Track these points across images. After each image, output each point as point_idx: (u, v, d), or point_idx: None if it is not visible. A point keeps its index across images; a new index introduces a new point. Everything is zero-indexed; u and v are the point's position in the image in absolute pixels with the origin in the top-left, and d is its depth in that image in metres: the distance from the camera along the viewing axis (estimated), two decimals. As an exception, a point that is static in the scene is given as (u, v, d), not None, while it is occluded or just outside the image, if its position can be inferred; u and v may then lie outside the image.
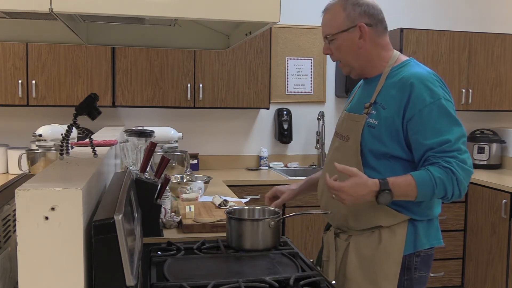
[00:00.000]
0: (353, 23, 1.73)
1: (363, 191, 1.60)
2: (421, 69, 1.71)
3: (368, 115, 1.72)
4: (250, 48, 3.94)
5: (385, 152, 1.68)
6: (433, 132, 1.62)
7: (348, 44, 1.75)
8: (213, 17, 1.15)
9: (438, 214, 1.78)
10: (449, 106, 1.65)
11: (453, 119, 1.64)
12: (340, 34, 1.74)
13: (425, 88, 1.63)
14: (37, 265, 0.98)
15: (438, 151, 1.60)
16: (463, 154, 1.61)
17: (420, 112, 1.62)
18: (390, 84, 1.72)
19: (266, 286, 1.34)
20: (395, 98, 1.67)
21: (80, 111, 1.37)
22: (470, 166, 1.62)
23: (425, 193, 1.60)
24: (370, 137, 1.70)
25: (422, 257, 1.74)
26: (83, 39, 1.80)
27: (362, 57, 1.77)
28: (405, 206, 1.69)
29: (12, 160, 3.65)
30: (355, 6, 1.73)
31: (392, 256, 1.70)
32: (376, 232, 1.73)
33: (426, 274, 1.78)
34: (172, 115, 4.19)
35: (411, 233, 1.71)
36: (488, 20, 4.66)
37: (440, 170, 1.59)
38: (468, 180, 1.62)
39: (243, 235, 1.68)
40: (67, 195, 0.98)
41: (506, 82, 4.38)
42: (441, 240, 1.79)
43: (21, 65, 3.58)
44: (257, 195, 3.71)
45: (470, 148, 4.52)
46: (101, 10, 1.08)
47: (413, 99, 1.63)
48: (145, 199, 1.83)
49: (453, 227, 4.04)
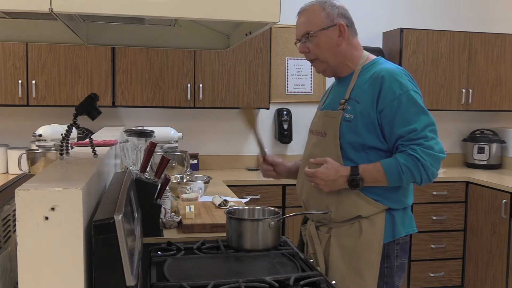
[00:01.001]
0: (332, 22, 1.85)
1: (335, 176, 1.77)
2: (390, 65, 1.85)
3: (344, 111, 1.84)
4: (250, 48, 3.94)
5: (363, 144, 1.79)
6: (401, 122, 1.74)
7: (327, 41, 1.86)
8: (213, 17, 1.15)
9: (411, 203, 1.89)
10: (417, 97, 1.78)
11: (420, 108, 1.76)
12: (321, 32, 1.85)
13: (394, 81, 1.76)
14: (37, 265, 0.98)
15: (406, 139, 1.73)
16: (429, 141, 1.72)
17: (390, 103, 1.75)
18: (362, 81, 1.84)
19: (266, 286, 1.34)
20: (368, 92, 1.79)
21: (80, 111, 1.37)
22: (439, 151, 1.73)
23: (393, 178, 1.74)
24: (347, 131, 1.81)
25: (401, 244, 1.85)
26: (83, 39, 1.80)
27: (338, 55, 1.88)
28: (382, 195, 1.80)
29: (12, 160, 3.65)
30: (333, 7, 1.86)
31: (372, 246, 1.80)
32: (356, 223, 1.83)
33: (405, 261, 1.89)
34: (172, 115, 4.19)
35: (389, 223, 1.82)
36: (488, 20, 4.66)
37: (406, 157, 1.72)
38: (436, 165, 1.74)
39: (243, 235, 1.68)
40: (67, 195, 0.98)
41: (506, 82, 4.38)
42: (415, 227, 1.91)
43: (21, 65, 3.58)
44: (257, 195, 3.71)
45: (470, 148, 4.53)
46: (101, 10, 1.08)
47: (384, 91, 1.76)
48: (145, 199, 1.83)
49: (453, 227, 4.04)
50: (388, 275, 1.83)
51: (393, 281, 1.84)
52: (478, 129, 4.65)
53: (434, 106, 4.22)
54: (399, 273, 1.86)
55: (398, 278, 1.86)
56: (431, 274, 4.03)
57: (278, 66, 4.34)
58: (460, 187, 4.03)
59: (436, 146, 1.73)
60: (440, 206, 4.00)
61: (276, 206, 3.42)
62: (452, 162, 4.64)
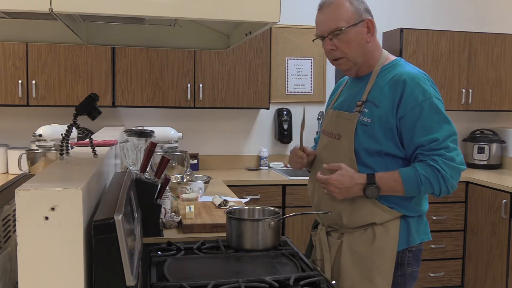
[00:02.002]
0: (361, 17, 1.74)
1: (349, 183, 1.68)
2: (412, 69, 1.74)
3: (361, 113, 1.73)
4: (250, 48, 3.94)
5: (379, 150, 1.71)
6: (422, 130, 1.65)
7: (358, 38, 1.74)
8: (213, 17, 1.15)
9: (426, 210, 1.82)
10: (440, 105, 1.68)
11: (443, 117, 1.67)
12: (351, 28, 1.72)
13: (417, 86, 1.66)
14: (37, 265, 0.98)
15: (426, 149, 1.65)
16: (451, 151, 1.64)
17: (412, 110, 1.66)
18: (381, 83, 1.73)
19: (266, 286, 1.34)
20: (388, 96, 1.69)
21: (80, 111, 1.37)
22: (460, 163, 1.66)
23: (411, 189, 1.66)
24: (363, 135, 1.72)
25: (413, 252, 1.79)
26: (83, 39, 1.80)
27: (367, 52, 1.78)
28: (397, 203, 1.73)
29: (12, 160, 3.65)
30: (359, 2, 1.74)
31: (386, 253, 1.73)
32: (369, 229, 1.76)
33: (417, 269, 1.83)
34: (172, 115, 4.19)
35: (404, 230, 1.75)
36: (488, 20, 4.66)
37: (426, 167, 1.64)
38: (456, 177, 1.66)
39: (243, 235, 1.68)
40: (67, 195, 0.98)
41: (506, 82, 4.38)
42: (430, 234, 1.84)
43: (21, 65, 3.58)
44: (257, 195, 3.71)
45: (470, 148, 4.53)
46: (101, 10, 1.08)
47: (406, 97, 1.66)
48: (145, 199, 1.83)
49: (453, 227, 4.04)
50: (401, 283, 1.77)
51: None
52: (478, 129, 4.65)
53: (434, 106, 4.22)
54: (411, 282, 1.80)
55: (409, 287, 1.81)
56: (431, 274, 4.03)
57: (278, 66, 4.34)
58: (460, 187, 4.03)
59: (457, 158, 1.65)
60: (440, 206, 4.00)
61: (276, 206, 3.42)
62: (452, 162, 4.64)
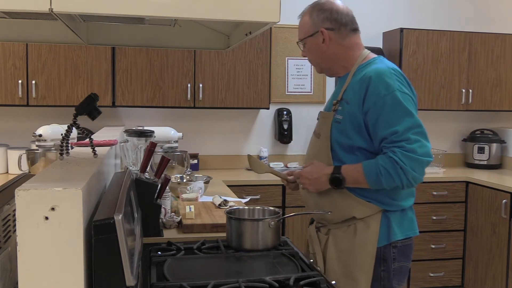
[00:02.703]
0: (317, 28, 1.88)
1: (318, 174, 1.81)
2: (382, 65, 1.80)
3: (335, 112, 1.84)
4: (250, 48, 3.94)
5: (351, 145, 1.79)
6: (384, 123, 1.71)
7: (314, 48, 1.91)
8: (213, 17, 1.15)
9: (410, 204, 1.86)
10: (404, 98, 1.72)
11: (405, 109, 1.71)
12: (308, 39, 1.91)
13: (380, 81, 1.73)
14: (37, 265, 0.98)
15: (388, 141, 1.70)
16: (412, 143, 1.67)
17: (375, 105, 1.73)
18: (355, 81, 1.82)
19: (266, 286, 1.34)
20: (357, 93, 1.78)
21: (80, 111, 1.37)
22: (422, 155, 1.67)
23: (373, 180, 1.72)
24: (337, 132, 1.82)
25: (399, 248, 1.81)
26: (83, 39, 1.80)
27: (328, 58, 1.91)
28: (375, 198, 1.79)
29: (12, 160, 3.65)
30: (319, 12, 1.88)
31: (366, 248, 1.78)
32: (352, 225, 1.82)
33: (407, 264, 1.85)
34: (172, 115, 4.19)
35: (384, 225, 1.79)
36: (488, 20, 4.66)
37: (385, 159, 1.69)
38: (418, 169, 1.68)
39: (243, 235, 1.68)
40: (67, 195, 0.98)
41: (506, 82, 4.38)
42: (417, 230, 1.87)
43: (21, 65, 3.58)
44: (257, 195, 3.71)
45: (470, 148, 4.53)
46: (101, 10, 1.08)
47: (370, 92, 1.74)
48: (145, 199, 1.83)
49: (453, 227, 4.04)
50: (385, 278, 1.80)
51: (391, 285, 1.82)
52: (478, 129, 4.65)
53: (434, 106, 4.22)
54: (398, 277, 1.83)
55: (397, 282, 1.83)
56: (431, 274, 4.03)
57: (278, 66, 4.34)
58: (460, 187, 4.03)
59: (419, 149, 1.67)
60: (440, 206, 4.00)
61: (276, 206, 3.42)
62: (452, 162, 4.65)
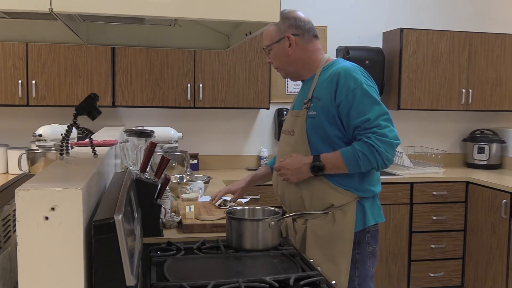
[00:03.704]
0: (282, 35, 2.04)
1: (298, 164, 1.94)
2: (347, 63, 2.00)
3: (308, 109, 1.99)
4: (250, 48, 3.94)
5: (327, 137, 1.94)
6: (356, 113, 1.88)
7: (280, 53, 2.06)
8: (213, 17, 1.15)
9: (379, 191, 2.03)
10: (371, 90, 1.91)
11: (373, 100, 1.89)
12: (274, 45, 2.06)
13: (349, 76, 1.91)
14: (37, 265, 0.98)
15: (362, 129, 1.87)
16: (383, 129, 1.85)
17: (346, 97, 1.89)
18: (322, 80, 2.00)
19: (266, 286, 1.34)
20: (327, 89, 1.95)
21: (80, 111, 1.37)
22: (393, 138, 1.86)
23: (352, 164, 1.87)
24: (312, 127, 1.97)
25: (371, 232, 2.00)
26: (83, 39, 1.80)
27: (294, 62, 2.07)
28: (351, 185, 1.95)
29: (12, 160, 3.65)
30: (284, 20, 2.03)
31: (344, 234, 1.94)
32: (330, 214, 1.97)
33: (376, 248, 2.04)
34: (172, 115, 4.19)
35: (360, 212, 1.96)
36: (488, 20, 4.66)
37: (362, 144, 1.85)
38: (390, 150, 1.86)
39: (243, 235, 1.68)
40: (67, 195, 0.98)
41: (506, 82, 4.38)
42: (383, 217, 2.06)
43: (21, 65, 3.58)
44: (257, 195, 3.71)
45: (470, 148, 4.53)
46: (101, 10, 1.08)
47: (340, 86, 1.91)
48: (145, 199, 1.83)
49: (453, 227, 4.04)
50: (360, 260, 1.96)
51: (365, 267, 1.98)
52: (478, 129, 4.65)
53: (434, 106, 4.22)
54: (372, 260, 2.00)
55: (371, 264, 2.00)
56: (431, 274, 4.03)
57: (278, 66, 4.34)
58: (460, 187, 4.03)
59: (390, 134, 1.85)
60: (440, 206, 4.00)
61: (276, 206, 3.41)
62: (452, 162, 4.65)
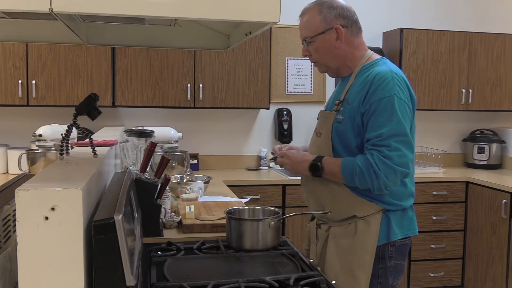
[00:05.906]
0: (329, 25, 1.83)
1: (301, 159, 1.87)
2: (385, 68, 1.79)
3: (337, 112, 1.85)
4: (250, 48, 3.94)
5: (349, 145, 1.80)
6: (373, 126, 1.72)
7: (325, 46, 1.85)
8: (213, 17, 1.15)
9: (410, 204, 1.87)
10: (399, 104, 1.72)
11: (395, 115, 1.70)
12: (318, 37, 1.85)
13: (381, 84, 1.72)
14: (37, 265, 0.98)
15: (371, 143, 1.72)
16: (391, 151, 1.68)
17: (370, 107, 1.73)
18: (357, 82, 1.82)
19: (266, 286, 1.34)
20: (359, 94, 1.78)
21: (80, 111, 1.37)
22: (399, 164, 1.68)
23: (348, 177, 1.74)
24: (337, 132, 1.83)
25: (396, 246, 1.83)
26: (83, 39, 1.80)
27: (338, 57, 1.87)
28: (375, 197, 1.79)
29: (12, 160, 3.65)
30: (330, 9, 1.83)
31: (366, 246, 1.79)
32: (352, 224, 1.83)
33: (402, 263, 1.88)
34: (172, 115, 4.19)
35: (385, 224, 1.80)
36: (488, 20, 4.66)
37: (363, 160, 1.71)
38: (391, 177, 1.68)
39: (243, 235, 1.68)
40: (67, 195, 0.98)
41: (506, 82, 4.38)
42: (416, 230, 1.89)
43: (21, 65, 3.58)
44: (257, 195, 3.71)
45: (470, 148, 4.53)
46: (101, 10, 1.08)
47: (370, 94, 1.74)
48: (145, 199, 1.83)
49: (453, 227, 4.04)
50: (382, 275, 1.82)
51: (387, 282, 1.84)
52: (478, 129, 4.65)
53: (434, 106, 4.22)
54: (395, 274, 1.85)
55: (393, 279, 1.85)
56: (431, 274, 4.03)
57: (278, 66, 4.34)
58: (460, 187, 4.03)
59: (397, 159, 1.68)
60: (440, 206, 4.00)
61: (276, 206, 3.42)
62: (452, 162, 4.65)
